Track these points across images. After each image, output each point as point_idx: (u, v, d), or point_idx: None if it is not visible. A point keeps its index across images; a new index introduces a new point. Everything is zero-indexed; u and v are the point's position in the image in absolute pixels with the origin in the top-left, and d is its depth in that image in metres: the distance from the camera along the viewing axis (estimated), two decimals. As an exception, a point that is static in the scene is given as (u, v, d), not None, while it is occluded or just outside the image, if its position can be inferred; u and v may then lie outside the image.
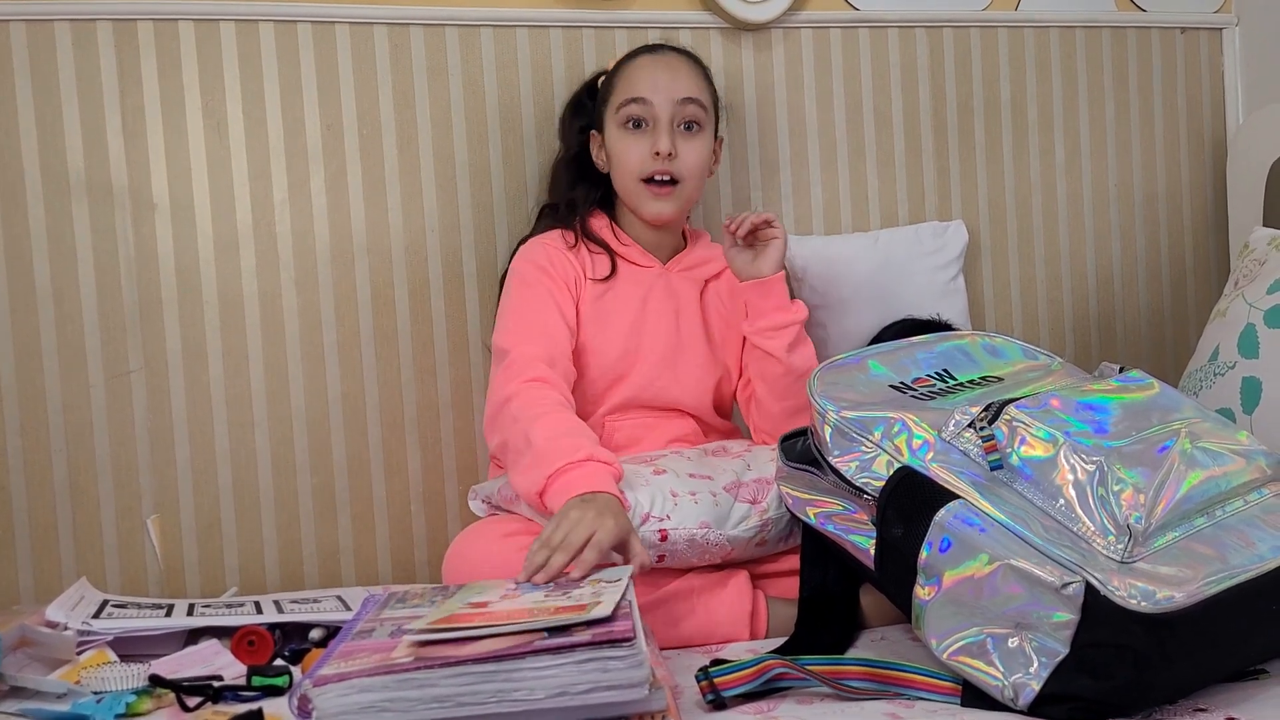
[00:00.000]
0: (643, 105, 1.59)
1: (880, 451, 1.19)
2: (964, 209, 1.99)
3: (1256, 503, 1.15)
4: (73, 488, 1.61)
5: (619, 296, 1.60)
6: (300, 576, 1.69)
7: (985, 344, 1.38)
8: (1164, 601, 1.00)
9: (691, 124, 1.61)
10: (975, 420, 1.16)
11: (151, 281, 1.64)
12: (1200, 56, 2.13)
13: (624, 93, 1.61)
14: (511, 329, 1.53)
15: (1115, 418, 1.17)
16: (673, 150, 1.58)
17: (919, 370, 1.32)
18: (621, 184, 1.63)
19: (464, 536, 1.47)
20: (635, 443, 1.56)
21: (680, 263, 1.67)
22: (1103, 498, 1.08)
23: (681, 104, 1.59)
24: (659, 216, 1.62)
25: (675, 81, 1.60)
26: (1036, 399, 1.18)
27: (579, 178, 1.67)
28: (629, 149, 1.60)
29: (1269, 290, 1.65)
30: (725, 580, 1.40)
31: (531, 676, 0.96)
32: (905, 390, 1.29)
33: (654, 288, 1.62)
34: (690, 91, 1.61)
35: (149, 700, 1.16)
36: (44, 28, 1.60)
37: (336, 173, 1.71)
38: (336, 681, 0.96)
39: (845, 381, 1.29)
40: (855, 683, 1.11)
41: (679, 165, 1.59)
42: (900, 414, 1.20)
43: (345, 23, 1.71)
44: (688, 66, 1.64)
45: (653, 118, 1.59)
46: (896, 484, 1.15)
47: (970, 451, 1.15)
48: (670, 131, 1.59)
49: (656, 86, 1.59)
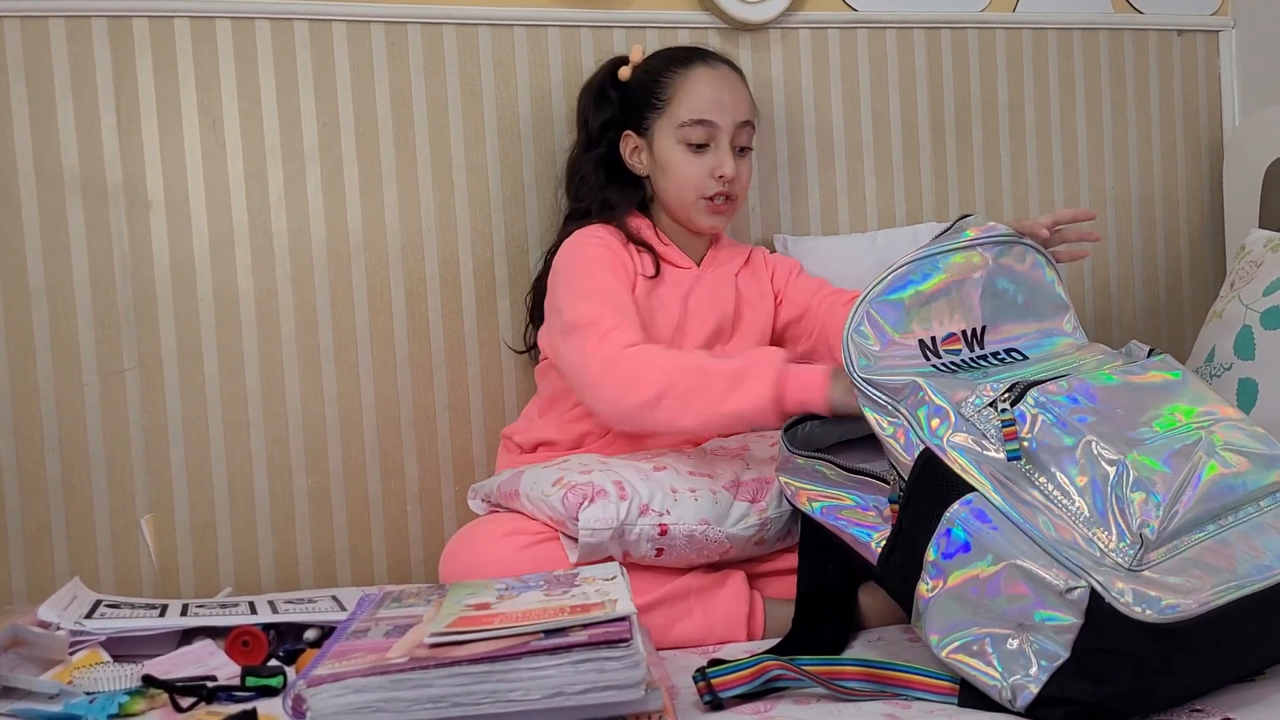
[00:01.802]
0: (709, 128, 1.59)
1: (900, 419, 1.16)
2: (961, 210, 1.99)
3: (1270, 509, 1.13)
4: (66, 487, 1.61)
5: (663, 296, 1.60)
6: (295, 576, 1.68)
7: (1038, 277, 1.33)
8: (1169, 611, 0.99)
9: (744, 148, 1.63)
10: (997, 399, 1.13)
11: (146, 280, 1.63)
12: (1197, 59, 2.14)
13: (688, 110, 1.59)
14: (596, 300, 1.48)
15: (1138, 405, 1.14)
16: (735, 174, 1.60)
17: (952, 323, 1.26)
18: (677, 196, 1.62)
19: (462, 534, 1.46)
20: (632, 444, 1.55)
21: (713, 261, 1.67)
22: (1119, 500, 1.05)
23: (741, 127, 1.61)
24: (714, 229, 1.65)
25: (737, 103, 1.61)
26: (1061, 384, 1.15)
27: (610, 178, 1.66)
28: (690, 166, 1.60)
29: (1265, 292, 1.65)
30: (722, 581, 1.39)
31: (527, 677, 0.96)
32: (930, 354, 1.24)
33: (694, 288, 1.63)
34: (748, 114, 1.62)
35: (142, 701, 1.16)
36: (38, 24, 1.59)
37: (333, 171, 1.71)
38: (331, 682, 0.96)
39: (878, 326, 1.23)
40: (852, 683, 1.10)
41: (737, 185, 1.61)
42: (924, 381, 1.17)
43: (342, 20, 1.70)
44: (743, 86, 1.65)
45: (715, 139, 1.59)
46: (919, 471, 1.13)
47: (989, 433, 1.12)
48: (732, 154, 1.60)
49: (723, 108, 1.59)
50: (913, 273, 1.25)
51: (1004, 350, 1.27)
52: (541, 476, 1.41)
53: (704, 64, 1.63)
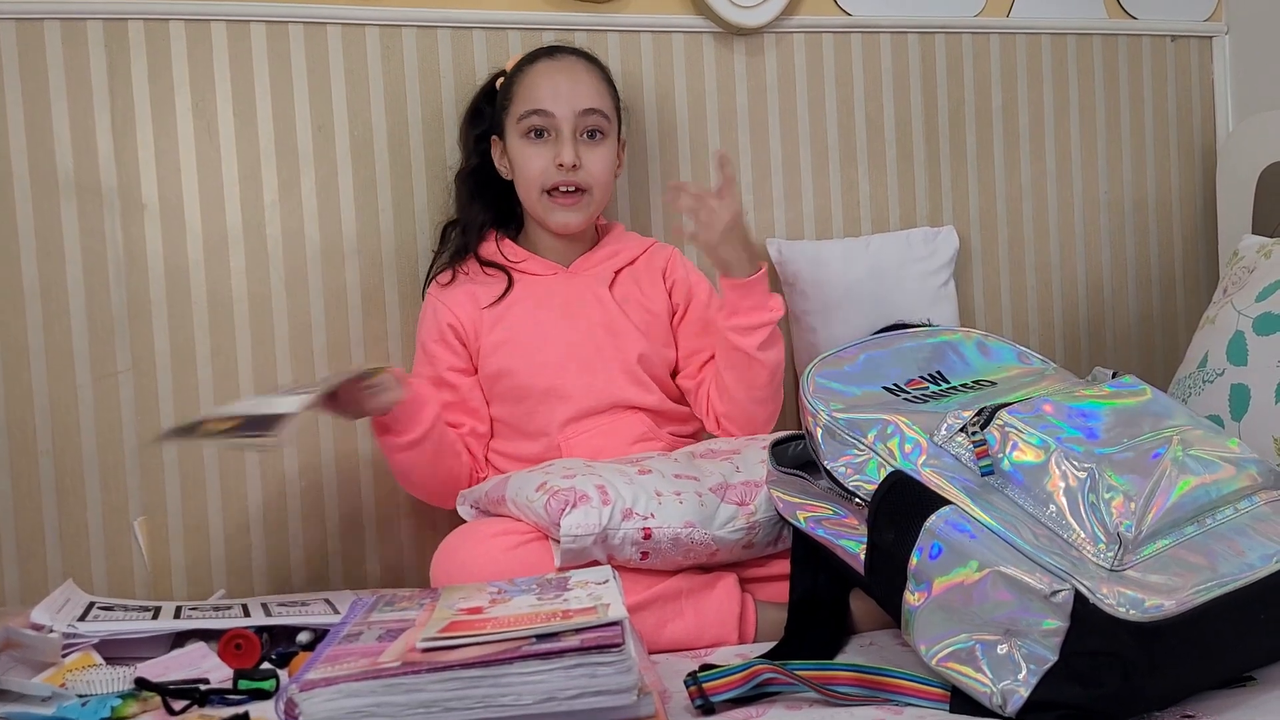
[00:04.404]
0: (544, 116, 1.59)
1: (873, 455, 1.19)
2: (955, 215, 2.00)
3: (1247, 511, 1.15)
4: (59, 489, 1.60)
5: (517, 313, 1.61)
6: (287, 580, 1.68)
7: (979, 341, 1.38)
8: (1153, 610, 1.00)
9: (595, 132, 1.61)
10: (967, 425, 1.16)
11: (140, 282, 1.63)
12: (1190, 64, 2.14)
13: (524, 102, 1.60)
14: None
15: (1107, 424, 1.17)
16: (577, 161, 1.58)
17: (912, 371, 1.32)
18: (525, 194, 1.63)
19: (453, 537, 1.47)
20: (598, 452, 1.55)
21: (586, 261, 1.67)
22: (1093, 505, 1.08)
23: (584, 114, 1.60)
24: (565, 227, 1.63)
25: (576, 90, 1.60)
26: (1029, 404, 1.18)
27: (475, 192, 1.67)
28: (531, 159, 1.60)
29: (1258, 298, 1.65)
30: (714, 582, 1.39)
31: (519, 682, 0.96)
32: (898, 393, 1.28)
33: (551, 294, 1.63)
34: (592, 101, 1.61)
35: (135, 703, 1.16)
36: (33, 26, 1.59)
37: (327, 174, 1.71)
38: (323, 686, 0.96)
39: (837, 381, 1.29)
40: (844, 688, 1.11)
41: (584, 175, 1.60)
42: (893, 417, 1.20)
43: (337, 24, 1.71)
44: (588, 73, 1.63)
45: (555, 128, 1.59)
46: (888, 489, 1.15)
47: (962, 456, 1.15)
48: (573, 142, 1.59)
49: (558, 96, 1.59)
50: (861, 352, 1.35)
51: (972, 381, 1.30)
52: (526, 481, 1.41)
53: (547, 58, 1.64)
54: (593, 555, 1.35)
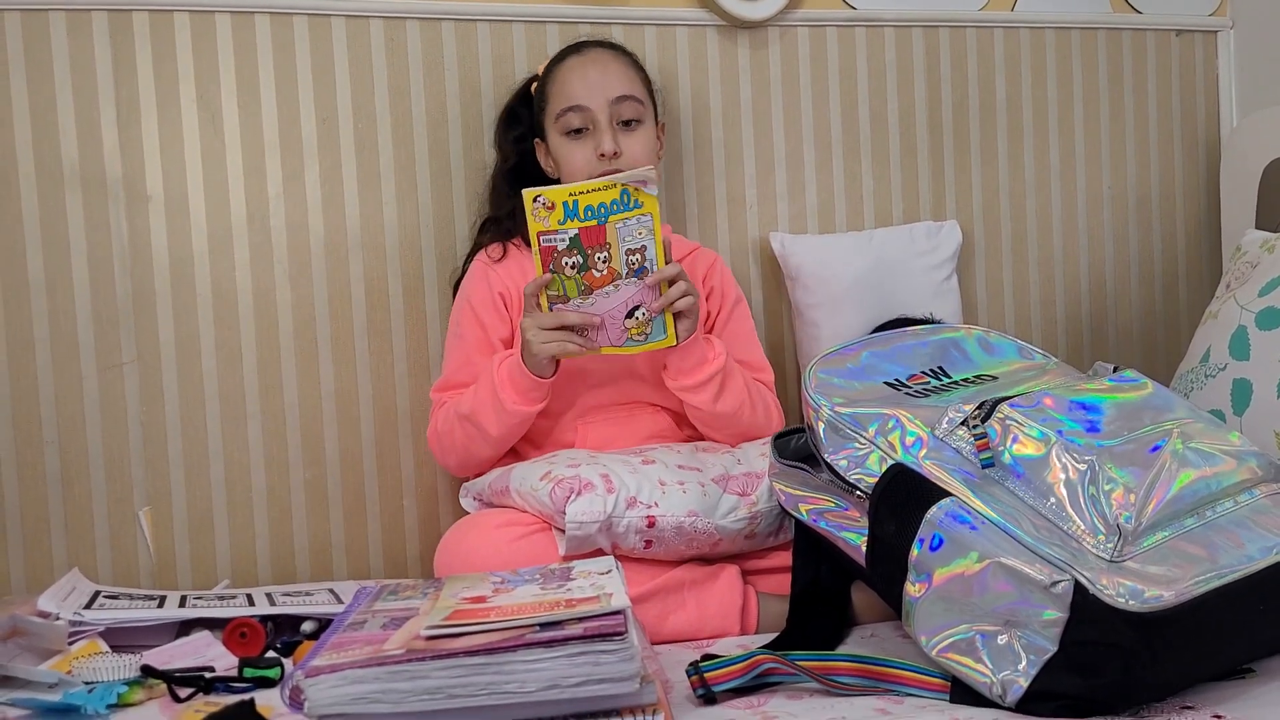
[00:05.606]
0: (580, 111, 1.59)
1: (874, 448, 1.19)
2: (958, 209, 2.00)
3: (1247, 504, 1.15)
4: (65, 479, 1.61)
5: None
6: (292, 569, 1.69)
7: (980, 338, 1.39)
8: (1152, 600, 1.01)
9: (631, 121, 1.61)
10: (968, 418, 1.16)
11: (145, 274, 1.64)
12: (1195, 59, 2.14)
13: (559, 100, 1.61)
14: (450, 382, 1.61)
15: (1108, 417, 1.17)
16: (617, 149, 1.58)
17: (914, 366, 1.32)
18: None
19: (458, 528, 1.47)
20: (610, 442, 1.55)
21: None
22: (1093, 497, 1.08)
23: (617, 103, 1.60)
24: None
25: (607, 79, 1.60)
26: (1029, 398, 1.18)
27: (515, 188, 1.67)
28: (573, 154, 1.60)
29: (1260, 293, 1.65)
30: (716, 574, 1.40)
31: (523, 669, 0.97)
32: (900, 387, 1.29)
33: None
34: (623, 89, 1.61)
35: (140, 691, 1.16)
36: (38, 17, 1.60)
37: (331, 166, 1.71)
38: (329, 673, 0.96)
39: (840, 377, 1.29)
40: (845, 679, 1.11)
41: (626, 162, 1.59)
42: (894, 410, 1.21)
43: (341, 15, 1.71)
44: (617, 61, 1.64)
45: (591, 121, 1.59)
46: (889, 481, 1.16)
47: (963, 449, 1.15)
48: (611, 131, 1.59)
49: (590, 88, 1.59)
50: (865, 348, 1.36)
51: (974, 375, 1.31)
52: (530, 471, 1.42)
53: (574, 54, 1.64)
54: (597, 544, 1.36)
